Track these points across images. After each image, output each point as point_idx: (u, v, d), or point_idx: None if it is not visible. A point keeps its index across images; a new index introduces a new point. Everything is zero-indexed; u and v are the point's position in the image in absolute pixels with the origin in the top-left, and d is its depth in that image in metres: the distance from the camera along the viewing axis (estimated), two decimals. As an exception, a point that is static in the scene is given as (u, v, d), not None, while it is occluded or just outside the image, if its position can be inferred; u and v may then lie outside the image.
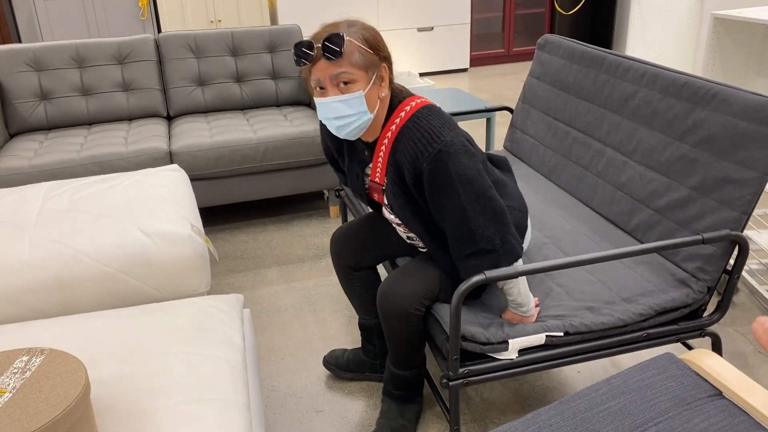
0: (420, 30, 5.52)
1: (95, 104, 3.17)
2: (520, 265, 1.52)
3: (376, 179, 1.61)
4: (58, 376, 1.19)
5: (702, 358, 1.28)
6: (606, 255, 1.52)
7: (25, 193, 2.20)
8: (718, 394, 1.22)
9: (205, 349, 1.49)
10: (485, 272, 1.46)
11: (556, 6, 5.94)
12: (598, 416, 1.18)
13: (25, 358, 1.21)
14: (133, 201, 2.12)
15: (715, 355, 1.28)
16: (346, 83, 1.44)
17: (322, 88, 1.45)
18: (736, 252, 1.65)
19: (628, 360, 2.12)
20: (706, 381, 1.25)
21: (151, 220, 2.00)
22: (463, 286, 1.46)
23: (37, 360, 1.21)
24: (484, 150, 3.61)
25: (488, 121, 3.10)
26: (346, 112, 1.46)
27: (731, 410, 1.18)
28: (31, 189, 2.23)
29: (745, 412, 1.17)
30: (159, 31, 5.12)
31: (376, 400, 1.96)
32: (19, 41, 5.23)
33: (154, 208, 2.08)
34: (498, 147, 4.03)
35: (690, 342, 1.89)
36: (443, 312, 1.63)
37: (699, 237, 1.56)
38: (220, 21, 5.05)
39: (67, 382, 1.16)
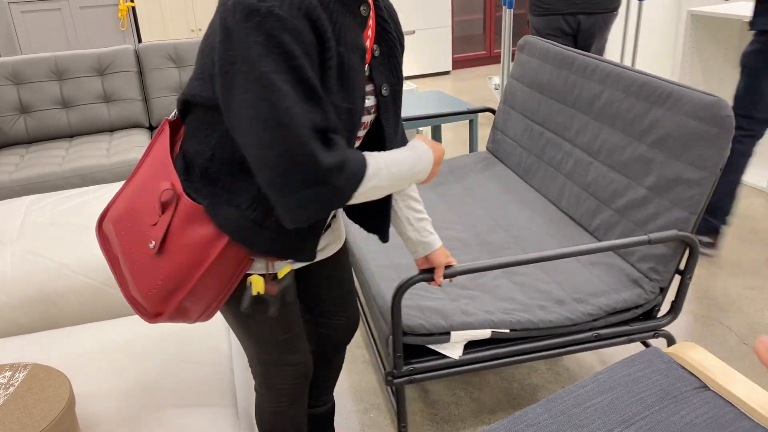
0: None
1: (76, 116, 3.15)
2: (471, 264, 1.52)
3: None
4: (42, 390, 1.18)
5: (687, 351, 1.29)
6: (551, 255, 1.56)
7: (6, 207, 2.19)
8: (704, 386, 1.23)
9: (192, 357, 1.49)
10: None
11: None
12: (586, 412, 1.18)
13: (8, 374, 1.20)
14: (116, 212, 2.10)
15: (700, 348, 1.29)
16: None
17: None
18: (687, 253, 1.66)
19: (618, 355, 2.13)
20: (692, 374, 1.26)
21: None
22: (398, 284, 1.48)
23: (21, 375, 1.20)
24: (468, 152, 3.62)
25: (471, 122, 3.12)
26: None
27: (716, 402, 1.19)
28: (12, 203, 2.22)
29: (730, 403, 1.18)
30: (139, 41, 5.10)
31: (367, 405, 1.96)
32: (-1, 55, 5.18)
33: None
34: (482, 148, 4.05)
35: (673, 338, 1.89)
36: (385, 308, 1.64)
37: (645, 237, 1.59)
38: (200, 30, 5.03)
39: (51, 396, 1.15)
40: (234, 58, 0.93)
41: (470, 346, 1.63)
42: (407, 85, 3.73)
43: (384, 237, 1.32)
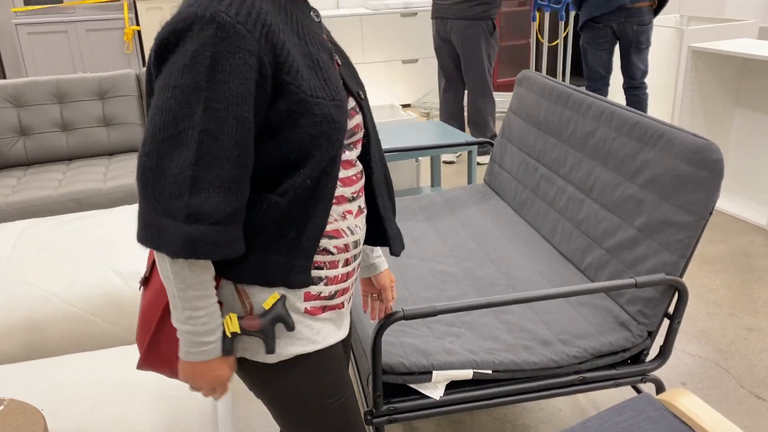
0: (405, 62, 5.57)
1: (75, 139, 3.16)
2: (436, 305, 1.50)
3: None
4: (15, 429, 1.16)
5: (679, 398, 1.26)
6: (536, 295, 1.54)
7: (-2, 232, 2.18)
8: (695, 436, 1.20)
9: (174, 390, 1.46)
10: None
11: (539, 37, 6.02)
12: (573, 461, 1.15)
13: (-19, 409, 1.19)
14: (108, 239, 2.10)
15: (693, 396, 1.26)
16: None
17: None
18: (677, 297, 1.63)
19: (611, 396, 2.09)
20: (684, 423, 1.23)
21: (125, 259, 1.98)
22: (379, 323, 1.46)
23: (-6, 410, 1.19)
24: (466, 183, 3.61)
25: (469, 154, 3.11)
26: None
27: (707, 455, 1.15)
28: (5, 228, 2.22)
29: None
30: (144, 64, 5.14)
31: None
32: (3, 75, 5.24)
33: (130, 246, 2.07)
34: (479, 181, 4.04)
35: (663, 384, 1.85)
36: (367, 345, 1.61)
37: (632, 281, 1.57)
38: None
39: (22, 433, 1.13)
40: (169, 65, 0.88)
41: (454, 385, 1.60)
42: (408, 115, 3.74)
43: (393, 249, 1.21)
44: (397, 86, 5.63)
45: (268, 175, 0.96)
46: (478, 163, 4.30)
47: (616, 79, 4.41)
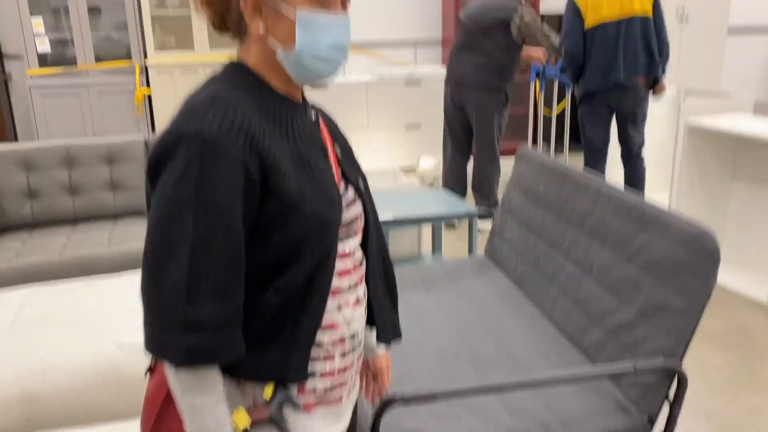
0: (407, 127, 5.68)
1: (82, 202, 3.21)
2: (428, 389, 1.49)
3: (334, 165, 1.08)
4: None
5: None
6: (536, 380, 1.54)
7: (0, 299, 2.19)
8: None
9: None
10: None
11: (540, 106, 6.15)
12: None
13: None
14: (110, 309, 2.12)
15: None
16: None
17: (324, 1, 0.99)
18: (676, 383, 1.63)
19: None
20: None
21: (126, 330, 1.99)
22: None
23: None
24: (467, 249, 3.63)
25: (470, 224, 3.15)
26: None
27: None
28: (6, 295, 2.23)
29: None
30: (153, 128, 5.26)
31: None
32: (15, 136, 5.35)
33: (131, 316, 2.08)
34: (480, 247, 4.06)
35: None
36: (367, 429, 1.58)
37: (631, 366, 1.57)
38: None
39: None
40: (162, 181, 0.92)
41: (454, 470, 1.58)
42: (409, 181, 3.79)
43: (381, 337, 1.20)
44: (400, 150, 5.73)
45: (261, 274, 0.97)
46: (479, 230, 4.33)
47: (614, 149, 4.48)
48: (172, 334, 0.88)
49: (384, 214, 3.01)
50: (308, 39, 0.98)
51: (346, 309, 1.07)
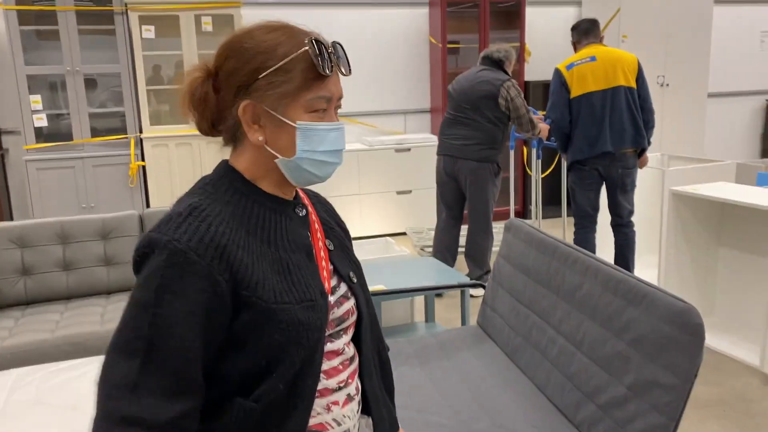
0: (399, 193, 5.76)
1: (75, 278, 3.22)
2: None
3: (324, 262, 1.11)
4: None
5: None
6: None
7: (-7, 384, 2.18)
8: None
9: None
10: None
11: (527, 170, 6.27)
12: None
13: None
14: (100, 392, 2.10)
15: None
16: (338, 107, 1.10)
17: (319, 110, 1.04)
18: None
19: None
20: None
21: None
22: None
23: None
24: (460, 321, 3.64)
25: (462, 293, 3.17)
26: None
27: None
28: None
29: None
30: (147, 199, 5.31)
31: None
32: (9, 210, 5.39)
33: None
34: (473, 319, 4.07)
35: None
36: None
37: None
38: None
39: None
40: (136, 281, 0.97)
41: None
42: (401, 250, 3.83)
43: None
44: (391, 216, 5.80)
45: (240, 381, 0.98)
46: (471, 296, 4.35)
47: (604, 217, 4.57)
48: (110, 425, 0.88)
49: (376, 286, 3.03)
50: (307, 147, 1.03)
51: (335, 408, 1.07)
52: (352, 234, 5.70)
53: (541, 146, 5.09)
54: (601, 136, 3.84)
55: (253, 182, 1.07)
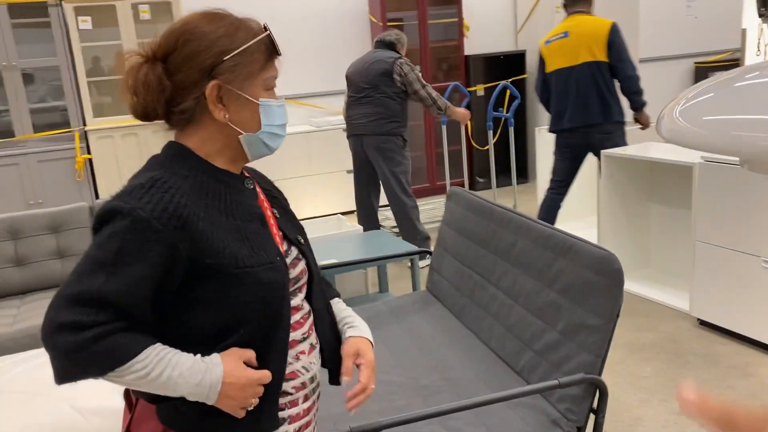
0: (348, 171, 5.85)
1: (29, 273, 3.24)
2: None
3: (274, 228, 1.20)
4: None
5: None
6: (470, 403, 1.68)
7: (-44, 377, 2.22)
8: None
9: None
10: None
11: (473, 143, 6.45)
12: None
13: None
14: (64, 376, 2.16)
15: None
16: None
17: (271, 88, 1.18)
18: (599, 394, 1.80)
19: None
20: None
21: (83, 395, 2.05)
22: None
23: None
24: (411, 289, 3.79)
25: (412, 261, 3.31)
26: None
27: None
28: (-39, 372, 2.25)
29: None
30: (96, 191, 5.28)
31: None
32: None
33: (88, 381, 2.13)
34: (423, 287, 4.23)
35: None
36: None
37: (555, 382, 1.74)
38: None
39: None
40: (93, 240, 1.04)
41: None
42: (353, 226, 3.95)
43: (332, 380, 1.31)
44: (342, 194, 5.91)
45: (213, 336, 1.08)
46: (421, 267, 4.50)
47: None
48: (55, 353, 0.98)
49: (328, 260, 3.14)
50: (267, 122, 1.15)
51: (303, 357, 1.20)
52: (306, 214, 5.79)
53: (446, 124, 5.27)
54: (566, 112, 3.98)
55: (205, 159, 1.14)
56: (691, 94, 0.89)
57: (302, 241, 1.26)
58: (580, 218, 5.10)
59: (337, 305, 1.37)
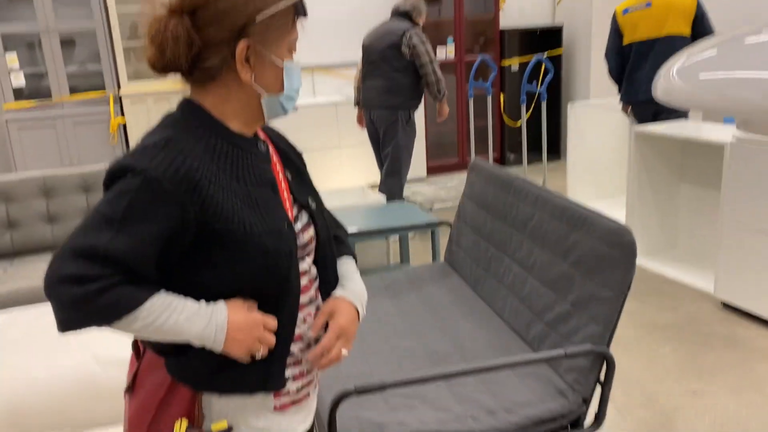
0: (378, 144, 5.85)
1: (60, 230, 3.34)
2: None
3: (285, 193, 1.20)
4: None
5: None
6: (474, 368, 1.71)
7: (-14, 323, 2.32)
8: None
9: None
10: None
11: (505, 118, 6.38)
12: None
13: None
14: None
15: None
16: None
17: (292, 51, 1.17)
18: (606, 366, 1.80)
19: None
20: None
21: (102, 345, 2.12)
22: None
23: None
24: (431, 260, 3.81)
25: (433, 233, 3.32)
26: None
27: None
28: (-8, 319, 2.35)
29: None
30: (129, 154, 5.37)
31: None
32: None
33: (107, 332, 2.21)
34: (442, 259, 4.24)
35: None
36: (326, 420, 1.72)
37: (562, 351, 1.73)
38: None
39: None
40: (103, 196, 1.03)
41: (407, 455, 1.74)
42: (377, 197, 3.96)
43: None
44: (371, 166, 5.91)
45: (224, 298, 1.09)
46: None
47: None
48: (59, 305, 0.98)
49: (350, 228, 3.17)
50: (288, 85, 1.14)
51: (309, 319, 1.22)
52: (333, 186, 5.82)
53: (472, 97, 5.21)
54: (643, 84, 3.91)
55: (220, 120, 1.12)
56: (696, 49, 0.86)
57: (313, 205, 1.24)
58: (612, 197, 5.02)
59: (344, 265, 1.35)
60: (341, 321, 1.23)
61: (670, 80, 0.67)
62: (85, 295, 0.97)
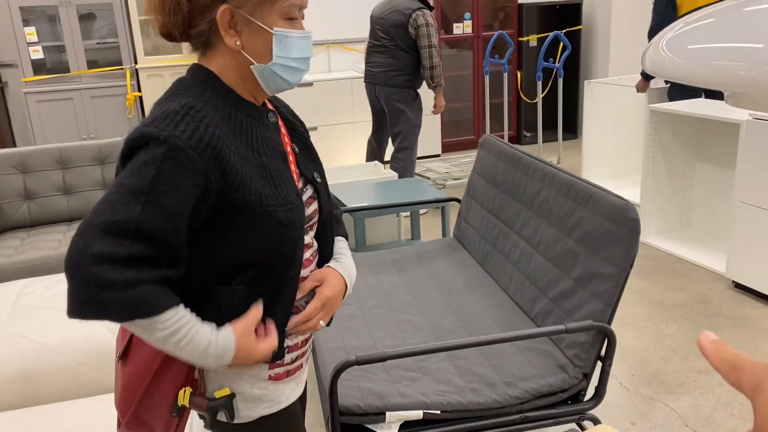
0: (393, 120, 5.83)
1: (76, 202, 3.39)
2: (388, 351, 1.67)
3: (293, 166, 1.19)
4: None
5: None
6: (475, 341, 1.72)
7: (1, 290, 2.38)
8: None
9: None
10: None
11: (522, 95, 6.32)
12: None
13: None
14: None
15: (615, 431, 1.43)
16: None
17: (292, 18, 1.10)
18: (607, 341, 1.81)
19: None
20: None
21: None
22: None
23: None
24: (441, 236, 3.82)
25: (443, 209, 3.32)
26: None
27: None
28: (7, 287, 2.41)
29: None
30: (145, 127, 5.42)
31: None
32: (12, 140, 5.54)
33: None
34: (451, 234, 4.24)
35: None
36: (328, 389, 1.75)
37: (563, 327, 1.74)
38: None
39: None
40: (125, 168, 0.99)
41: (408, 425, 1.77)
42: (388, 172, 3.97)
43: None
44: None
45: (232, 270, 1.09)
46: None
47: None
48: (93, 291, 0.93)
49: (361, 203, 3.19)
50: (281, 53, 1.09)
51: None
52: (347, 162, 5.83)
53: (488, 74, 5.13)
54: None
55: (230, 88, 1.10)
56: (692, 17, 0.84)
57: (318, 179, 1.24)
58: (627, 177, 4.98)
59: (338, 243, 1.35)
60: (328, 292, 1.22)
61: (658, 50, 0.66)
62: (113, 282, 0.93)
